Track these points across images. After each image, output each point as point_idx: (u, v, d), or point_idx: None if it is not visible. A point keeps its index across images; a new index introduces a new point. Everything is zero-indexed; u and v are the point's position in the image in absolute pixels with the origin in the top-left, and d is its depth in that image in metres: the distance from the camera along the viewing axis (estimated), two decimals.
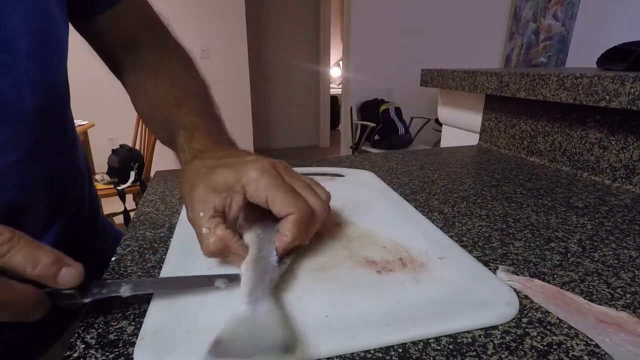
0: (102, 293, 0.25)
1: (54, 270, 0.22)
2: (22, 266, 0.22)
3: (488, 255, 0.34)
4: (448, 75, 0.86)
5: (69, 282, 0.23)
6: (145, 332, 0.24)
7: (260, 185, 0.28)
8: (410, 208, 0.43)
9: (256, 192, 0.28)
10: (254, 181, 0.28)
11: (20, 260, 0.21)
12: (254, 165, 0.29)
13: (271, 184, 0.28)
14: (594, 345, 0.24)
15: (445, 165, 0.64)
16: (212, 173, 0.29)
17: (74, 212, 0.43)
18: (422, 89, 2.99)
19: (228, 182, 0.29)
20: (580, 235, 0.39)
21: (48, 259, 0.22)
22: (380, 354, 0.23)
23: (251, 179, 0.28)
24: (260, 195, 0.28)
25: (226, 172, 0.29)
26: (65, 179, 0.41)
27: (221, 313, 0.25)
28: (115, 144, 2.18)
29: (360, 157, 0.70)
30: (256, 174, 0.29)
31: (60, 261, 0.23)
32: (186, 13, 2.84)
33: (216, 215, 0.28)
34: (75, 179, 0.44)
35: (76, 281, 0.23)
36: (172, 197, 0.50)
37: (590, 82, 0.53)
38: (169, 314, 0.25)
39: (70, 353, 0.23)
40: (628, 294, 0.29)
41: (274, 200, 0.28)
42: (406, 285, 0.28)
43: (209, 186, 0.29)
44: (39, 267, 0.22)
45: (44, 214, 0.37)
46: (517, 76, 0.65)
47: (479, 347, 0.23)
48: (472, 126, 0.85)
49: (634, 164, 0.53)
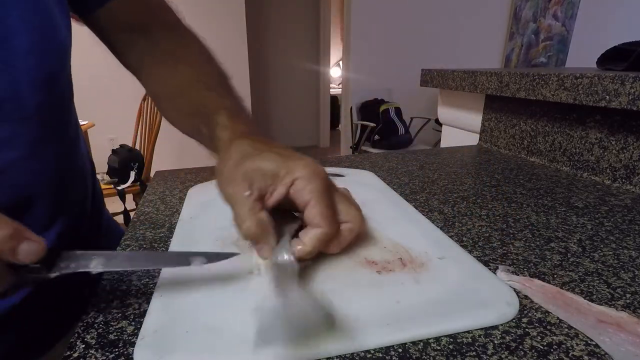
0: (70, 267, 0.23)
1: (11, 245, 0.20)
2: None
3: (488, 255, 0.34)
4: (448, 75, 0.86)
5: (28, 257, 0.21)
6: (145, 332, 0.24)
7: (309, 186, 0.28)
8: (410, 208, 0.43)
9: (302, 191, 0.28)
10: (306, 179, 0.28)
11: None
12: (308, 164, 0.29)
13: (320, 190, 0.28)
14: (594, 345, 0.24)
15: (445, 165, 0.64)
16: (264, 156, 0.29)
17: (77, 210, 0.43)
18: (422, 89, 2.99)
19: (279, 170, 0.28)
20: (580, 235, 0.39)
21: (5, 231, 0.20)
22: (380, 354, 0.23)
23: (304, 175, 0.28)
24: (305, 196, 0.28)
25: (279, 161, 0.28)
26: (68, 176, 0.41)
27: (221, 313, 0.25)
28: (115, 144, 2.18)
29: (360, 157, 0.70)
30: (310, 173, 0.28)
31: (19, 235, 0.21)
32: (186, 13, 2.82)
33: (260, 199, 0.28)
34: (78, 176, 0.43)
35: (36, 256, 0.21)
36: (172, 197, 0.50)
37: (590, 82, 0.53)
38: (169, 313, 0.25)
39: (70, 353, 0.23)
40: (628, 294, 0.29)
41: (315, 207, 0.28)
42: (406, 285, 0.28)
43: (259, 168, 0.28)
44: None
45: (47, 211, 0.37)
46: (517, 76, 0.65)
47: (479, 347, 0.23)
48: (472, 126, 0.85)
49: (634, 164, 0.53)
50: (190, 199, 0.47)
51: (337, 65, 5.68)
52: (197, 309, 0.26)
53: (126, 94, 2.34)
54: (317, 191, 0.28)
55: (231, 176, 0.29)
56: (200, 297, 0.27)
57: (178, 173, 0.60)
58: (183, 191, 0.52)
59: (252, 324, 0.24)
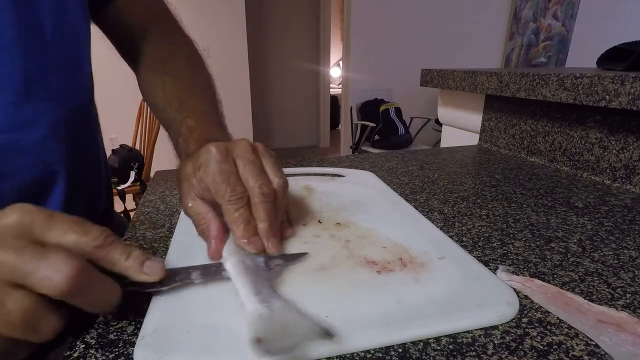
0: (176, 280, 0.27)
1: (140, 262, 0.24)
2: (117, 259, 0.23)
3: (488, 255, 0.34)
4: (448, 75, 0.86)
5: (154, 274, 0.24)
6: (145, 332, 0.24)
7: (208, 170, 0.30)
8: (410, 208, 0.43)
9: (204, 178, 0.30)
10: (203, 166, 0.30)
11: (116, 251, 0.23)
12: (204, 151, 0.31)
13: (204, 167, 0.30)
14: (594, 345, 0.24)
15: (445, 165, 0.64)
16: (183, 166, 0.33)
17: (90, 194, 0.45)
18: (422, 89, 2.99)
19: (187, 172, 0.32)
20: (580, 235, 0.39)
21: (137, 252, 0.24)
22: (380, 354, 0.23)
23: (201, 163, 0.30)
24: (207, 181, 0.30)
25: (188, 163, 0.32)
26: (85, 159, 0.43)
27: (220, 313, 0.25)
28: (115, 144, 2.18)
29: (360, 157, 0.70)
30: (205, 158, 0.30)
31: (145, 256, 0.25)
32: (186, 13, 2.83)
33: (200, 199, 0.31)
34: (94, 162, 0.46)
35: (160, 274, 0.25)
36: (172, 197, 0.50)
37: (590, 82, 0.53)
38: (169, 313, 0.25)
39: (70, 353, 0.23)
40: (628, 294, 0.29)
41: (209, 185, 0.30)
42: (406, 285, 0.28)
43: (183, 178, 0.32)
44: (131, 259, 0.24)
45: (65, 191, 0.39)
46: (517, 76, 0.65)
47: (479, 347, 0.23)
48: (472, 126, 0.85)
49: (634, 164, 0.53)
50: None
51: (337, 65, 5.68)
52: (197, 309, 0.26)
53: (126, 94, 2.34)
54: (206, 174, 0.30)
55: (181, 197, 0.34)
56: (200, 297, 0.27)
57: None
58: None
59: None
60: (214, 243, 0.30)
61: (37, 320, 0.20)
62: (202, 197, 0.31)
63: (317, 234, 0.36)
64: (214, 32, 2.97)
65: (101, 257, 0.23)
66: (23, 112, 0.33)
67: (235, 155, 0.31)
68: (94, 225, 0.23)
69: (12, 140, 0.33)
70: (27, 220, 0.21)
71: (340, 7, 5.19)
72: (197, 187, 0.31)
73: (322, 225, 0.38)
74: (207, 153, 0.30)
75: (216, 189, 0.29)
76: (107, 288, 0.23)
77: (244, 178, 0.30)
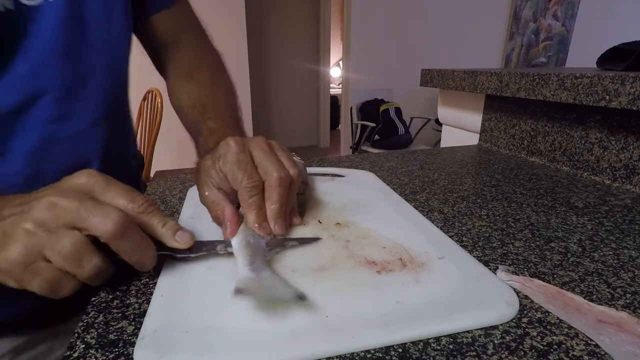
0: (203, 250, 0.31)
1: (173, 231, 0.29)
2: (155, 224, 0.28)
3: (488, 255, 0.34)
4: (448, 75, 0.86)
5: (184, 242, 0.29)
6: (145, 332, 0.24)
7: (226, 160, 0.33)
8: (410, 208, 0.43)
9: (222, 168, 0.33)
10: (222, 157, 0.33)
11: (155, 218, 0.28)
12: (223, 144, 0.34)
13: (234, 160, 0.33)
14: (594, 345, 0.24)
15: (445, 165, 0.64)
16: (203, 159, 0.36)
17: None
18: (422, 89, 2.99)
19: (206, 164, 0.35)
20: (580, 235, 0.39)
21: (171, 222, 0.29)
22: (380, 353, 0.23)
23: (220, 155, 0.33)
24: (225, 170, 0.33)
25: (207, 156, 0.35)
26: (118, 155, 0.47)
27: (221, 313, 0.25)
28: None
29: (360, 157, 0.70)
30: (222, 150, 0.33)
31: (178, 226, 0.29)
32: None
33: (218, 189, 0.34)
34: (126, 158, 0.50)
35: (189, 243, 0.29)
36: (172, 197, 0.50)
37: (590, 82, 0.53)
38: (169, 313, 0.25)
39: (70, 353, 0.23)
40: (628, 294, 0.29)
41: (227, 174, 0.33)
42: (406, 285, 0.28)
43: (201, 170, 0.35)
44: (165, 228, 0.29)
45: None
46: (517, 76, 0.65)
47: (479, 347, 0.23)
48: (472, 126, 0.85)
49: (634, 164, 0.53)
50: (190, 199, 0.47)
51: (337, 65, 5.68)
52: (197, 309, 0.26)
53: None
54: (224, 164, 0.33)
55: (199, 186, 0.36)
56: (200, 297, 0.27)
57: (178, 173, 0.60)
58: (183, 191, 0.52)
59: (251, 324, 0.24)
60: (230, 226, 0.32)
61: (83, 255, 0.25)
62: (219, 186, 0.34)
63: (317, 233, 0.36)
64: (214, 32, 2.94)
65: (143, 221, 0.28)
66: (67, 108, 0.38)
67: (252, 148, 0.34)
68: (141, 194, 0.28)
69: (54, 131, 0.37)
70: (91, 182, 0.27)
71: (340, 7, 5.19)
72: (215, 177, 0.34)
73: (322, 225, 0.38)
74: (226, 146, 0.33)
75: (234, 177, 0.32)
76: (145, 243, 0.27)
77: (262, 165, 0.33)
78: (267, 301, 0.25)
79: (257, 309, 0.25)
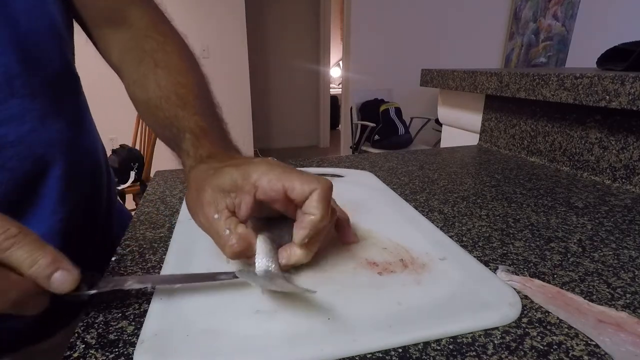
0: (108, 286, 0.26)
1: (48, 272, 0.22)
2: (20, 263, 0.22)
3: (488, 255, 0.34)
4: (448, 75, 0.86)
5: (61, 286, 0.22)
6: (145, 336, 0.23)
7: (273, 176, 0.27)
8: (410, 208, 0.43)
9: (270, 184, 0.27)
10: (265, 173, 0.27)
11: (19, 257, 0.22)
12: (262, 161, 0.29)
13: (284, 172, 0.28)
14: (594, 345, 0.24)
15: (445, 165, 0.64)
16: (219, 174, 0.28)
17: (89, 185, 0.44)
18: (422, 89, 2.99)
19: (236, 180, 0.27)
20: (580, 235, 0.39)
21: (45, 260, 0.22)
22: (380, 354, 0.23)
23: (262, 172, 0.27)
24: (276, 186, 0.27)
25: (233, 172, 0.28)
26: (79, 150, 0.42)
27: (221, 317, 0.25)
28: (115, 144, 2.18)
29: (360, 157, 0.70)
30: (266, 167, 0.28)
31: (57, 264, 0.22)
32: (186, 13, 2.84)
33: (232, 215, 0.28)
34: (90, 152, 0.45)
35: (69, 286, 0.23)
36: (172, 197, 0.50)
37: (590, 82, 0.53)
38: (169, 317, 0.25)
39: (70, 353, 0.23)
40: (628, 294, 0.29)
41: (293, 184, 0.27)
42: (407, 286, 0.28)
43: (217, 187, 0.28)
44: (34, 267, 0.22)
45: (61, 183, 0.38)
46: (517, 76, 0.65)
47: (479, 347, 0.23)
48: (472, 126, 0.85)
49: (634, 164, 0.53)
50: None
51: (337, 65, 5.68)
52: (197, 313, 0.26)
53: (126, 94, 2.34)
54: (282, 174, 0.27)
55: (196, 206, 0.29)
56: (200, 301, 0.27)
57: (178, 173, 0.60)
58: (183, 191, 0.52)
59: (252, 328, 0.24)
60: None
61: None
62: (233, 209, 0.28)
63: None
64: (214, 32, 2.97)
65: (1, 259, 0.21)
66: (8, 107, 0.34)
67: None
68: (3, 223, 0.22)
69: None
70: None
71: (340, 7, 5.19)
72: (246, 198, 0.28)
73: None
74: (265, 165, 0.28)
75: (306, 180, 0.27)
76: (7, 285, 0.21)
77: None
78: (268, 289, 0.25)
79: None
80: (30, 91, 0.35)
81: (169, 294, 0.28)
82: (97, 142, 0.47)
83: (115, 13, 0.43)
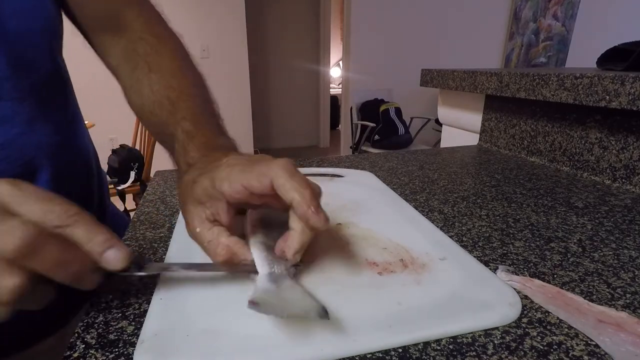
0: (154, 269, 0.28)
1: (102, 249, 0.24)
2: (79, 238, 0.24)
3: (488, 255, 0.34)
4: (448, 75, 0.86)
5: (112, 263, 0.24)
6: (145, 336, 0.23)
7: (233, 179, 0.27)
8: (410, 208, 0.43)
9: (232, 188, 0.27)
10: (226, 178, 0.27)
11: (78, 233, 0.24)
12: (223, 165, 0.28)
13: (242, 171, 0.27)
14: (594, 345, 0.24)
15: (445, 165, 0.64)
16: (195, 186, 0.29)
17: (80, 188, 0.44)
18: (422, 89, 2.99)
19: (206, 189, 0.28)
20: (580, 235, 0.39)
21: (100, 237, 0.24)
22: (380, 353, 0.23)
23: (223, 177, 0.27)
24: (238, 188, 0.27)
25: (205, 181, 0.28)
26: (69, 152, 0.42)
27: (221, 317, 0.25)
28: (115, 144, 2.18)
29: (360, 157, 0.70)
30: (225, 171, 0.28)
31: (110, 242, 0.24)
32: (186, 13, 2.84)
33: (215, 225, 0.28)
34: (80, 154, 0.45)
35: (120, 264, 0.24)
36: (172, 197, 0.50)
37: (590, 82, 0.53)
38: (169, 317, 0.25)
39: (70, 353, 0.23)
40: (628, 294, 0.29)
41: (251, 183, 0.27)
42: (407, 286, 0.28)
43: (194, 200, 0.29)
44: (91, 244, 0.24)
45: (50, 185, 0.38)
46: (517, 76, 0.65)
47: (479, 347, 0.23)
48: (472, 126, 0.85)
49: (634, 164, 0.53)
50: None
51: (337, 65, 5.68)
52: (197, 313, 0.26)
53: None
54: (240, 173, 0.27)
55: (184, 219, 0.30)
56: (200, 301, 0.27)
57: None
58: None
59: (252, 328, 0.24)
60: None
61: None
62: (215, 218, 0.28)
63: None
64: (214, 32, 2.97)
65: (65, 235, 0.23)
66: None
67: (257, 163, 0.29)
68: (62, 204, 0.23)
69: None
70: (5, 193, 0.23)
71: (340, 7, 5.19)
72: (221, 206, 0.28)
73: None
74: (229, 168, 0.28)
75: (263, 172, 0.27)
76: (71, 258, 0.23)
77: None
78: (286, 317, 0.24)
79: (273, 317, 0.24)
80: (20, 94, 0.35)
81: (169, 293, 0.28)
82: (88, 145, 0.47)
83: (110, 14, 0.44)
